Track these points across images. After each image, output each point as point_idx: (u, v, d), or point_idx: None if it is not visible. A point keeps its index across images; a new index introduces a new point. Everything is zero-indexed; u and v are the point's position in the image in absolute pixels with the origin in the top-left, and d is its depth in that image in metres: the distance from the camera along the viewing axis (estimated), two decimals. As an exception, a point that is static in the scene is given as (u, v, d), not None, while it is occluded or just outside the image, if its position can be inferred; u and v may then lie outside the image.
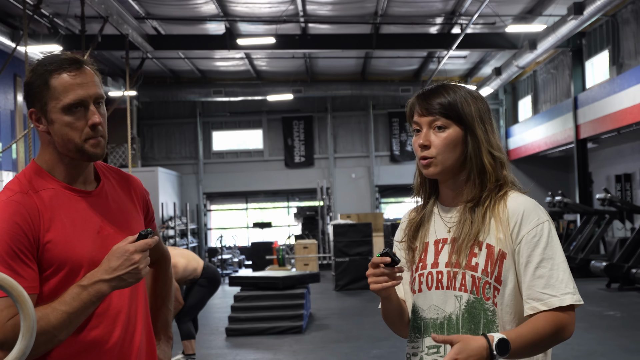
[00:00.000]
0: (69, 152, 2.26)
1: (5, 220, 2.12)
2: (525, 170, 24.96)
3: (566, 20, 15.32)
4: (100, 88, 2.29)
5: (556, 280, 2.15)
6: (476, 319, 2.18)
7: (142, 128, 25.35)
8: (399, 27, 17.97)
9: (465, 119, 2.24)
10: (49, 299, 2.16)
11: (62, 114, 2.22)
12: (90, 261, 2.22)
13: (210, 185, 25.75)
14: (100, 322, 2.26)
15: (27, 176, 2.27)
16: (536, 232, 2.18)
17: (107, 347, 2.27)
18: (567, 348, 8.71)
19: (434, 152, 2.23)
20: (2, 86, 15.90)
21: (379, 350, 9.04)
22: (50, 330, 2.08)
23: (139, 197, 2.53)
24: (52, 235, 2.18)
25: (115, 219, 2.35)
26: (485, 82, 22.35)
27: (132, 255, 2.13)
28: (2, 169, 15.76)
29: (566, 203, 17.44)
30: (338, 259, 15.89)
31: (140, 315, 2.41)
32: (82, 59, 2.28)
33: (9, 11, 15.15)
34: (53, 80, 2.22)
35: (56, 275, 2.20)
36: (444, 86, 2.30)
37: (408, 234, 2.39)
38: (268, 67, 22.78)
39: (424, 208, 2.39)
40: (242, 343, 10.04)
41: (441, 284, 2.24)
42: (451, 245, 2.26)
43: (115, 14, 14.25)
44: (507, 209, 2.22)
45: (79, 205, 2.28)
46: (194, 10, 16.30)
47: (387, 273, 2.18)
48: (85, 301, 2.12)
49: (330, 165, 25.71)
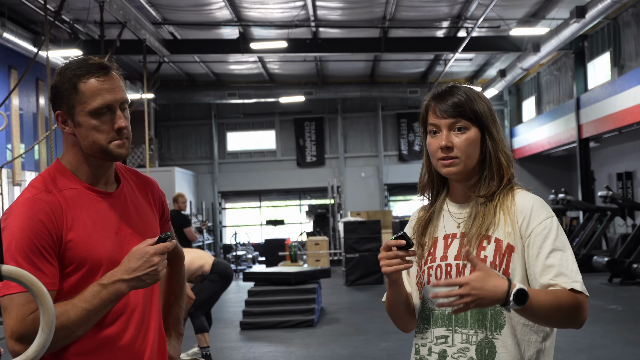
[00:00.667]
0: (95, 153, 2.27)
1: (30, 218, 2.13)
2: (530, 169, 24.88)
3: (569, 24, 15.27)
4: (125, 93, 2.30)
5: (566, 269, 2.15)
6: (484, 310, 2.18)
7: (160, 129, 25.40)
8: (406, 30, 17.94)
9: (482, 120, 2.25)
10: (68, 295, 2.17)
11: (90, 117, 2.23)
12: (109, 260, 2.23)
13: (225, 184, 25.77)
14: (116, 319, 2.27)
15: (51, 175, 2.28)
16: (545, 225, 2.18)
17: (122, 343, 2.28)
18: (570, 341, 8.69)
19: (458, 153, 2.23)
20: (25, 89, 15.96)
21: (387, 343, 9.04)
22: (69, 326, 2.10)
23: (156, 198, 2.54)
24: (74, 234, 2.19)
25: (133, 220, 2.36)
26: (490, 83, 22.30)
27: (152, 258, 2.15)
28: (25, 169, 15.82)
29: (569, 200, 17.38)
30: (348, 255, 15.88)
31: (154, 313, 2.42)
32: (109, 65, 2.30)
33: (32, 17, 15.21)
34: (82, 85, 2.22)
35: (76, 273, 2.21)
36: (457, 88, 2.30)
37: (417, 230, 2.38)
38: (280, 70, 22.78)
39: (432, 205, 2.39)
40: (256, 336, 10.05)
41: (450, 276, 2.23)
42: (460, 240, 2.25)
43: (133, 20, 14.28)
44: (516, 204, 2.23)
45: (99, 206, 2.29)
46: (209, 15, 16.32)
47: (400, 255, 2.17)
48: (105, 299, 2.14)
49: (340, 164, 25.69)
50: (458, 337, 2.20)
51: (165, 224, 2.59)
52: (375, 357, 8.45)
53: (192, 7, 15.70)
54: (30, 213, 2.14)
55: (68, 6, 13.69)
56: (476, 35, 17.64)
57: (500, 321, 2.17)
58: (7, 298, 2.07)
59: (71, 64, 2.27)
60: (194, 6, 15.67)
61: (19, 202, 2.18)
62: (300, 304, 10.96)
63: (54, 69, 15.95)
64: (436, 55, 20.76)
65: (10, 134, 14.96)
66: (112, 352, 2.26)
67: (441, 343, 2.23)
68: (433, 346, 2.25)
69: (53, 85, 2.27)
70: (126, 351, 2.29)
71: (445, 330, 2.22)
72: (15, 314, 2.06)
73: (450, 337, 2.21)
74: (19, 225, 2.11)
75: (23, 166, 15.63)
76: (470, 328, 2.18)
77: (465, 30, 17.27)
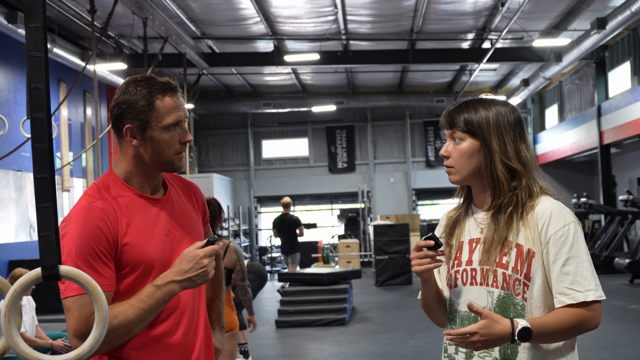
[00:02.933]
0: (157, 165, 2.36)
1: (88, 224, 2.20)
2: (552, 174, 24.68)
3: (590, 35, 15.15)
4: (186, 110, 2.40)
5: (581, 277, 2.17)
6: (507, 312, 2.20)
7: (199, 138, 25.57)
8: (433, 42, 17.91)
9: (478, 132, 2.25)
10: (125, 295, 2.25)
11: (162, 132, 2.32)
12: (161, 261, 2.31)
13: (261, 190, 25.87)
14: (168, 316, 2.35)
15: (105, 184, 2.35)
16: (563, 232, 2.19)
17: (175, 338, 2.36)
18: (592, 339, 8.62)
19: (452, 162, 2.29)
20: (73, 101, 16.17)
21: (416, 341, 9.04)
22: (127, 324, 2.18)
23: (199, 202, 2.62)
24: (128, 239, 2.27)
25: (180, 223, 2.43)
26: (514, 92, 22.17)
27: (202, 260, 2.23)
28: (74, 175, 16.02)
29: (591, 204, 17.23)
30: (378, 257, 15.88)
31: (201, 309, 2.50)
32: (177, 84, 2.39)
33: (79, 33, 15.42)
34: (158, 102, 2.31)
35: (132, 274, 2.28)
36: (470, 102, 2.32)
37: (446, 231, 2.42)
38: (313, 80, 22.84)
39: (461, 207, 2.42)
40: (290, 334, 10.09)
41: (475, 280, 2.27)
42: (483, 245, 2.28)
43: (174, 35, 14.42)
44: (535, 211, 2.23)
45: (150, 211, 2.36)
46: (245, 30, 16.42)
47: (430, 255, 2.21)
48: (159, 299, 2.22)
49: (370, 170, 25.68)
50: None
51: (206, 225, 2.66)
52: (404, 354, 8.46)
53: (229, 22, 15.82)
54: (87, 220, 2.21)
55: (113, 22, 13.86)
56: (500, 46, 17.56)
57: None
58: (69, 300, 2.15)
59: (141, 81, 2.34)
60: (231, 21, 15.78)
61: (76, 210, 2.26)
62: (333, 304, 10.99)
63: (100, 82, 16.20)
64: (462, 65, 20.70)
65: (60, 143, 15.18)
66: (166, 346, 2.34)
67: None
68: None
69: (122, 101, 2.33)
70: (178, 345, 2.36)
71: None
72: (77, 314, 2.14)
73: None
74: (78, 231, 2.18)
75: (71, 173, 15.84)
76: None
77: (490, 41, 17.19)
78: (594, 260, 15.85)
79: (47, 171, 1.75)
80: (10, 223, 13.11)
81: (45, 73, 1.75)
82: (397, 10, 15.27)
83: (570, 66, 19.99)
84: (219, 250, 2.31)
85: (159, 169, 2.37)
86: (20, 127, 10.08)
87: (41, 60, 1.75)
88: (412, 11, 15.35)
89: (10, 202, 13.12)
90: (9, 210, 13.06)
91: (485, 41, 17.61)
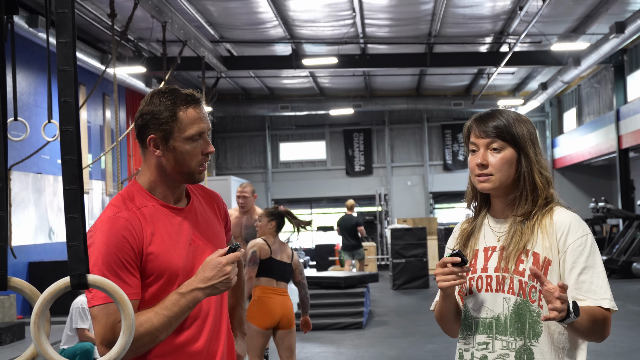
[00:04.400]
0: (179, 175, 2.40)
1: (114, 235, 2.25)
2: (570, 178, 24.61)
3: (608, 39, 15.10)
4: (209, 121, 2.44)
5: (596, 286, 2.21)
6: (522, 319, 2.24)
7: (217, 140, 25.68)
8: (451, 46, 17.91)
9: (519, 141, 2.30)
10: (150, 303, 2.29)
11: (185, 143, 2.36)
12: (184, 270, 2.35)
13: (278, 192, 25.94)
14: (192, 323, 2.39)
15: (130, 194, 2.39)
16: (581, 242, 2.24)
17: (198, 345, 2.39)
18: (610, 345, 8.59)
19: (492, 171, 2.29)
20: (93, 104, 16.30)
21: (433, 345, 9.04)
22: (153, 332, 2.22)
23: (221, 210, 2.66)
24: (153, 248, 2.31)
25: (203, 232, 2.47)
26: (532, 96, 22.11)
27: (224, 267, 2.27)
28: (93, 178, 16.15)
29: (609, 209, 17.16)
30: (395, 260, 15.88)
31: (224, 316, 2.54)
32: (200, 96, 2.43)
33: (99, 37, 15.54)
34: (181, 113, 2.35)
35: (156, 283, 2.33)
36: (499, 111, 2.36)
37: (460, 242, 2.45)
38: (330, 84, 22.88)
39: (475, 219, 2.45)
40: (308, 337, 10.11)
41: (490, 287, 2.30)
42: (500, 253, 2.31)
43: (193, 38, 14.51)
44: (554, 221, 2.27)
45: (173, 221, 2.40)
46: (264, 33, 16.49)
47: (455, 272, 2.23)
48: (183, 306, 2.26)
49: (387, 173, 25.68)
50: (498, 343, 2.26)
51: (227, 233, 2.70)
52: (421, 358, 8.47)
53: (247, 26, 15.89)
54: (113, 230, 2.25)
55: (133, 26, 13.97)
56: (518, 50, 17.52)
57: (537, 330, 2.23)
58: (96, 308, 2.19)
59: (163, 93, 2.38)
60: (250, 25, 15.85)
61: (102, 220, 2.30)
62: (350, 307, 11.00)
63: (119, 85, 16.31)
64: (479, 69, 20.67)
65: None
66: (189, 353, 2.38)
67: (482, 349, 2.29)
68: (475, 351, 2.31)
69: (146, 112, 2.37)
70: (201, 352, 2.40)
71: (486, 337, 2.29)
72: (104, 322, 2.18)
73: (491, 343, 2.28)
74: (104, 241, 2.23)
75: (90, 175, 15.97)
76: (510, 336, 2.25)
77: (508, 45, 17.17)
78: (612, 265, 15.80)
79: (76, 183, 1.80)
80: (30, 225, 13.23)
81: (75, 87, 1.80)
82: (415, 14, 15.29)
83: (589, 70, 19.93)
84: (240, 257, 2.34)
85: (181, 179, 2.41)
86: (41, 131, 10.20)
87: (71, 74, 1.80)
88: (430, 15, 15.36)
89: (30, 204, 13.24)
90: (29, 212, 13.19)
91: (504, 45, 17.58)
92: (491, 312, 2.29)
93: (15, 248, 11.76)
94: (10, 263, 12.07)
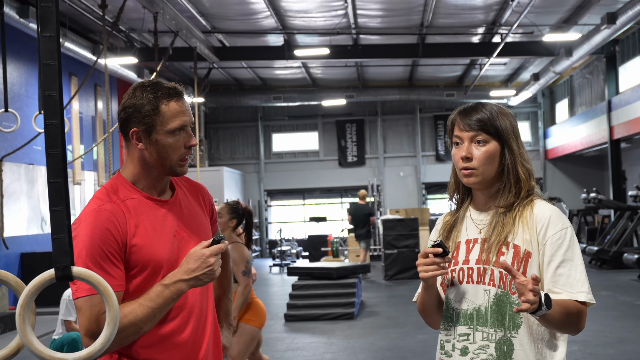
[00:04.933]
0: (161, 168, 2.41)
1: (97, 227, 2.27)
2: (562, 169, 24.69)
3: (600, 29, 15.13)
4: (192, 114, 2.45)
5: (574, 279, 2.23)
6: (503, 310, 2.26)
7: (209, 131, 25.67)
8: (443, 37, 17.92)
9: (502, 134, 2.31)
10: (134, 295, 2.31)
11: (167, 136, 2.37)
12: (169, 262, 2.37)
13: (271, 183, 25.96)
14: (177, 315, 2.41)
15: (114, 187, 2.41)
16: (560, 235, 2.26)
17: (183, 336, 2.42)
18: (600, 335, 8.66)
19: (476, 164, 2.31)
20: (84, 95, 16.27)
21: (423, 336, 9.09)
22: (137, 323, 2.25)
23: (207, 202, 2.67)
24: (137, 240, 2.33)
25: (187, 223, 2.49)
26: (524, 86, 22.15)
27: (208, 259, 2.29)
28: (85, 169, 16.14)
29: (600, 199, 17.22)
30: (387, 251, 15.92)
31: (209, 307, 2.56)
32: (182, 90, 2.44)
33: (90, 27, 15.50)
34: (163, 107, 2.36)
35: (140, 275, 2.34)
36: (482, 104, 2.37)
37: (442, 234, 2.47)
38: (323, 74, 22.88)
39: (457, 212, 2.47)
40: (299, 328, 10.16)
41: (471, 279, 2.32)
42: (481, 245, 2.33)
43: (184, 29, 14.49)
44: (534, 214, 2.29)
45: (157, 213, 2.42)
46: (256, 24, 16.47)
47: (436, 262, 2.25)
48: (167, 298, 2.28)
49: (380, 164, 25.72)
50: (479, 335, 2.29)
51: (214, 225, 2.71)
52: (412, 348, 8.52)
53: (239, 16, 15.87)
54: (97, 222, 2.27)
55: (124, 17, 13.93)
56: (510, 40, 17.56)
57: (517, 321, 2.25)
58: (81, 300, 2.21)
59: (146, 86, 2.40)
60: (242, 15, 15.83)
61: (86, 212, 2.32)
62: (341, 298, 11.04)
63: (111, 76, 16.29)
64: (472, 60, 20.69)
65: (71, 136, 15.28)
66: (174, 344, 2.40)
67: (463, 340, 2.32)
68: (456, 342, 2.34)
69: (129, 105, 2.38)
70: (186, 343, 2.43)
71: (467, 328, 2.32)
72: (88, 314, 2.20)
73: (471, 334, 2.30)
74: (87, 234, 2.25)
75: (83, 166, 15.95)
76: (490, 327, 2.27)
77: (500, 36, 17.19)
78: (603, 255, 15.87)
79: (61, 176, 1.81)
80: (22, 216, 13.23)
81: (59, 81, 1.82)
82: (407, 4, 15.29)
83: (581, 60, 19.98)
84: (225, 249, 2.36)
85: (163, 172, 2.43)
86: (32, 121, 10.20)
87: (55, 68, 1.81)
88: (422, 5, 15.36)
89: (22, 195, 13.23)
90: (21, 203, 13.18)
91: (496, 35, 17.61)
92: (472, 304, 2.31)
93: (8, 239, 11.76)
94: (2, 254, 12.11)
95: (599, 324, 9.37)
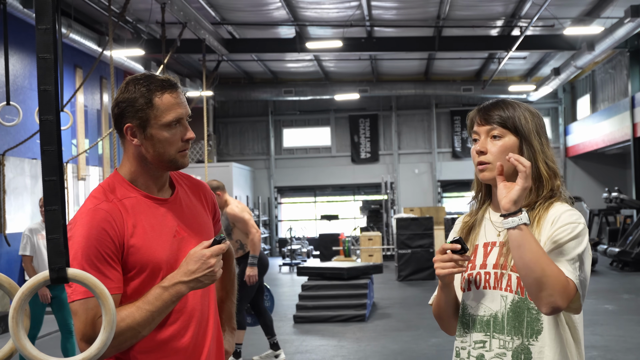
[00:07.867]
0: (160, 163, 2.39)
1: (94, 227, 2.24)
2: (583, 167, 24.58)
3: (623, 23, 15.02)
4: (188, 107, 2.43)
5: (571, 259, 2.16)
6: (520, 317, 2.23)
7: (218, 126, 25.69)
8: (460, 29, 17.86)
9: (521, 130, 2.28)
10: (132, 298, 2.29)
11: (162, 130, 2.35)
12: (168, 263, 2.35)
13: (281, 180, 25.96)
14: (177, 318, 2.39)
15: (111, 186, 2.39)
16: (571, 226, 2.18)
17: (184, 340, 2.40)
18: (620, 340, 8.61)
19: (490, 158, 2.27)
20: (90, 87, 16.30)
21: (437, 339, 9.06)
22: (135, 327, 2.22)
23: (209, 201, 2.65)
24: (135, 240, 2.30)
25: (188, 223, 2.47)
26: (545, 81, 22.05)
27: (209, 260, 2.26)
28: (90, 164, 16.18)
29: (623, 199, 17.15)
30: (401, 251, 15.90)
31: (211, 310, 2.53)
32: (176, 82, 2.42)
33: (96, 18, 15.53)
34: (157, 100, 2.34)
35: (139, 277, 2.32)
36: (503, 101, 2.34)
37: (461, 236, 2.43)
38: (335, 68, 22.85)
39: (477, 213, 2.44)
40: (309, 330, 10.15)
41: (489, 284, 2.29)
42: (500, 248, 2.30)
43: (193, 20, 14.48)
44: (548, 214, 2.25)
45: (157, 212, 2.40)
46: (266, 15, 16.47)
47: (454, 259, 2.21)
48: (166, 301, 2.26)
49: (394, 161, 25.67)
50: (495, 342, 2.25)
51: (217, 224, 2.69)
52: (425, 352, 8.49)
53: (250, 7, 15.86)
54: (93, 222, 2.25)
55: (131, 7, 13.95)
56: (530, 34, 17.48)
57: (536, 328, 2.21)
58: (76, 303, 2.19)
59: (140, 80, 2.38)
60: (252, 6, 15.83)
61: (82, 212, 2.30)
62: (353, 299, 11.02)
63: (117, 68, 16.31)
64: (490, 53, 20.62)
65: (76, 130, 15.32)
66: (174, 349, 2.38)
67: (479, 347, 2.29)
68: (472, 350, 2.31)
69: (122, 100, 2.37)
70: (187, 348, 2.40)
71: (483, 335, 2.28)
72: (84, 318, 2.18)
73: (488, 342, 2.27)
74: (83, 234, 2.23)
75: (87, 161, 15.99)
76: (507, 334, 2.24)
77: (519, 29, 17.11)
78: (625, 257, 15.78)
79: (56, 174, 1.80)
80: (25, 212, 13.27)
81: (55, 75, 1.80)
82: (423, -4, 15.25)
83: (603, 55, 19.84)
84: (227, 249, 2.34)
85: (163, 167, 2.40)
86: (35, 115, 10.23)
87: (51, 62, 1.80)
88: (438, -3, 15.32)
89: (25, 190, 13.27)
90: (24, 199, 13.22)
91: (515, 28, 17.54)
92: (489, 310, 2.28)
93: (10, 236, 11.80)
94: (4, 251, 12.15)
95: (620, 329, 9.31)
